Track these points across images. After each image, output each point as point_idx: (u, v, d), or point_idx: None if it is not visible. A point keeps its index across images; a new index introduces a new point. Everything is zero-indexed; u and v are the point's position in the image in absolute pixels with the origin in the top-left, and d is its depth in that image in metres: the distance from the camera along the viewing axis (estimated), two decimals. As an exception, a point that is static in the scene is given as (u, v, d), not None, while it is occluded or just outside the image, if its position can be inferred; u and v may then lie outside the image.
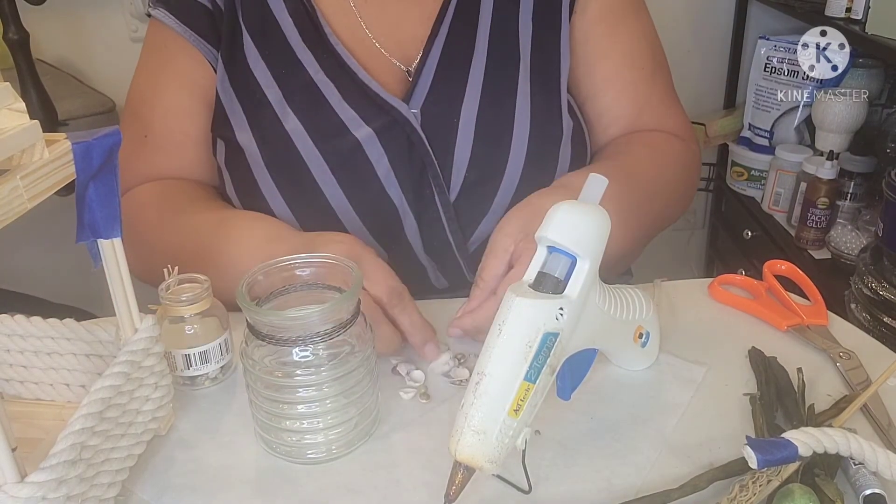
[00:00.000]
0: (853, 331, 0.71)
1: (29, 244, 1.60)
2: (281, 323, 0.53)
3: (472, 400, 0.47)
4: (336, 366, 0.54)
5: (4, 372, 0.60)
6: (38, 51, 1.57)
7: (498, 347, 0.47)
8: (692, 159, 0.89)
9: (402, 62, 0.82)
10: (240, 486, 0.55)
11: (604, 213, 0.51)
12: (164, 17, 0.81)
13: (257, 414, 0.57)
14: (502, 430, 0.47)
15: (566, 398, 0.53)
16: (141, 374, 0.54)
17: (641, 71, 0.86)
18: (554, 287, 0.50)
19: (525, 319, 0.47)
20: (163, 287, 0.63)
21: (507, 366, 0.47)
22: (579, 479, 0.54)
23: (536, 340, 0.47)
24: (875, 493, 0.49)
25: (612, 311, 0.57)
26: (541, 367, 0.47)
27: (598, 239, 0.50)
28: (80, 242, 0.51)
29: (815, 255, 1.57)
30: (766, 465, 0.49)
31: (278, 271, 0.57)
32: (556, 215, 0.50)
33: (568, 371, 0.52)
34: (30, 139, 0.43)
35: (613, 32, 0.85)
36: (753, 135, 1.84)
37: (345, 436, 0.57)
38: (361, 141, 0.77)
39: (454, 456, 0.47)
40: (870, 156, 1.58)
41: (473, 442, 0.47)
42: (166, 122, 0.82)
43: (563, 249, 0.49)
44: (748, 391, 0.62)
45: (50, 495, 0.44)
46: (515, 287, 0.49)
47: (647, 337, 0.63)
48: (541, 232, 0.50)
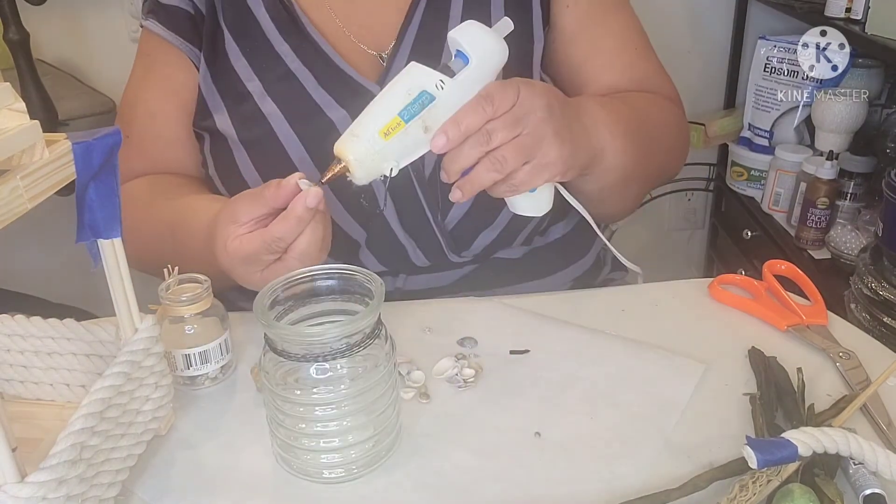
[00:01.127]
0: (853, 331, 0.71)
1: (29, 244, 1.60)
2: (298, 339, 0.52)
3: (360, 115, 0.61)
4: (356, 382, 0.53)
5: (4, 372, 0.60)
6: (39, 51, 1.57)
7: (388, 87, 0.62)
8: (683, 119, 0.95)
9: (375, 49, 0.84)
10: (240, 486, 0.55)
11: (502, 42, 0.64)
12: (153, 26, 0.86)
13: (276, 431, 0.55)
14: (371, 141, 0.60)
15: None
16: (141, 374, 0.54)
17: (636, 51, 0.91)
18: (447, 72, 0.62)
19: (412, 75, 0.61)
20: (163, 287, 0.63)
21: (388, 100, 0.61)
22: (580, 478, 0.54)
23: (415, 92, 0.61)
24: (875, 492, 0.49)
25: None
26: (413, 115, 0.61)
27: (491, 55, 0.63)
28: (80, 242, 0.51)
29: (814, 255, 1.57)
30: (765, 464, 0.49)
31: (299, 283, 0.56)
32: (469, 27, 0.63)
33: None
34: (30, 139, 0.43)
35: (605, 20, 0.89)
36: (753, 135, 1.84)
37: (365, 455, 0.55)
38: (335, 122, 0.80)
39: (334, 150, 0.61)
40: (869, 156, 1.58)
41: (347, 139, 0.61)
42: (145, 124, 0.87)
43: (464, 53, 0.63)
44: (748, 391, 0.62)
45: (50, 495, 0.44)
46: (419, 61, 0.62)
47: None
48: (453, 34, 0.63)
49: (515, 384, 0.64)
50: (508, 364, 0.66)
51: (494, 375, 0.65)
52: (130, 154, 0.86)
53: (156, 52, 0.87)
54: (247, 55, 0.83)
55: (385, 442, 0.56)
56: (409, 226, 0.81)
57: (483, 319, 0.73)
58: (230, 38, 0.84)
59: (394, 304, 0.77)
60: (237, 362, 0.68)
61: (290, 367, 0.53)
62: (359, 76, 0.81)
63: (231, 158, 0.83)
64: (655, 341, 0.69)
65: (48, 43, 1.65)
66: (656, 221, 2.07)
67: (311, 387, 0.53)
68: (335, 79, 0.81)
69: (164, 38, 0.85)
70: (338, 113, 0.80)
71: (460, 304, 0.77)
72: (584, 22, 0.88)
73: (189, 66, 0.85)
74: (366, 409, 0.54)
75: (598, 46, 0.89)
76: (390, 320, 0.70)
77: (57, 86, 1.45)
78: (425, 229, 0.82)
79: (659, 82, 0.92)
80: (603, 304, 0.76)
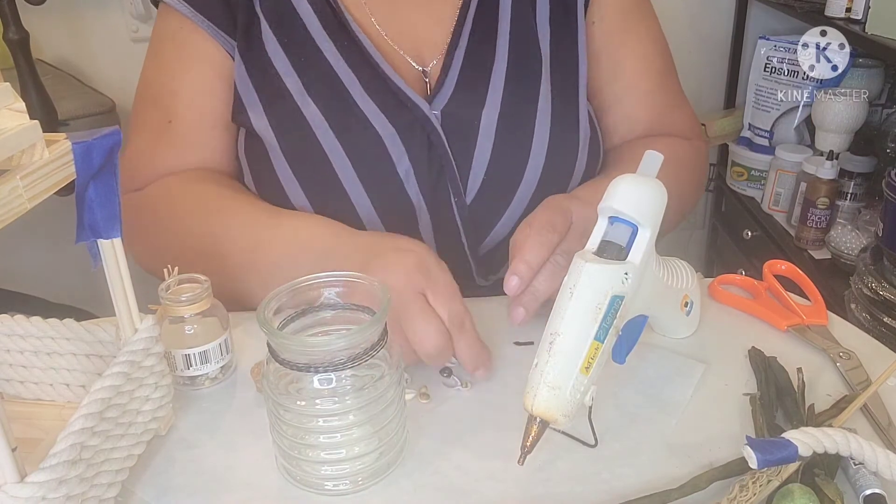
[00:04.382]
0: (853, 331, 0.71)
1: (29, 244, 1.61)
2: (301, 349, 0.51)
3: (546, 358, 0.50)
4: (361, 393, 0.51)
5: (4, 372, 0.60)
6: (39, 51, 1.57)
7: (570, 309, 0.50)
8: (700, 158, 0.91)
9: (417, 62, 0.81)
10: (240, 486, 0.55)
11: (661, 185, 0.53)
12: (176, 4, 0.78)
13: (278, 441, 0.54)
14: (575, 385, 0.50)
15: (622, 361, 0.54)
16: (141, 374, 0.54)
17: (656, 77, 0.88)
18: (617, 254, 0.52)
19: (595, 283, 0.50)
20: (163, 287, 0.63)
21: (578, 326, 0.50)
22: (580, 478, 0.54)
23: (605, 302, 0.50)
24: (875, 493, 0.49)
25: (666, 279, 0.60)
26: (608, 328, 0.51)
27: (657, 208, 0.53)
28: (80, 243, 0.50)
29: (815, 255, 1.57)
30: (765, 465, 0.49)
31: (305, 290, 0.54)
32: (619, 186, 0.53)
33: (623, 336, 0.54)
34: (30, 139, 0.43)
35: (627, 41, 0.86)
36: (753, 135, 1.84)
37: (369, 467, 0.54)
38: (383, 137, 0.76)
39: (530, 410, 0.50)
40: (870, 156, 1.59)
41: (549, 397, 0.49)
42: (193, 104, 0.79)
43: (625, 219, 0.52)
44: (748, 391, 0.62)
45: (50, 495, 0.44)
46: (582, 254, 0.52)
47: (692, 306, 0.67)
48: (605, 202, 0.53)
49: (516, 384, 0.64)
50: (510, 363, 0.66)
51: (495, 375, 0.65)
52: (166, 142, 0.80)
53: (181, 30, 0.79)
54: (284, 47, 0.77)
55: (390, 454, 0.55)
56: (442, 248, 0.79)
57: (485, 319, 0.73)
58: (267, 27, 0.77)
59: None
60: (237, 362, 0.68)
61: (293, 376, 0.52)
62: (408, 89, 0.77)
63: (270, 167, 0.78)
64: (655, 341, 0.69)
65: (48, 43, 1.66)
66: (656, 221, 2.07)
67: (315, 397, 0.51)
68: (382, 88, 0.77)
69: (191, 20, 0.78)
70: (386, 129, 0.75)
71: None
72: (609, 40, 0.85)
73: (221, 50, 0.79)
74: (371, 421, 0.52)
75: (619, 68, 0.86)
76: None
77: (57, 86, 1.46)
78: (458, 254, 0.81)
79: (677, 114, 0.90)
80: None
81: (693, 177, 0.89)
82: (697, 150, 0.90)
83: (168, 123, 0.80)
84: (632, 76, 0.87)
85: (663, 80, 0.89)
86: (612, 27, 0.85)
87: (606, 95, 0.87)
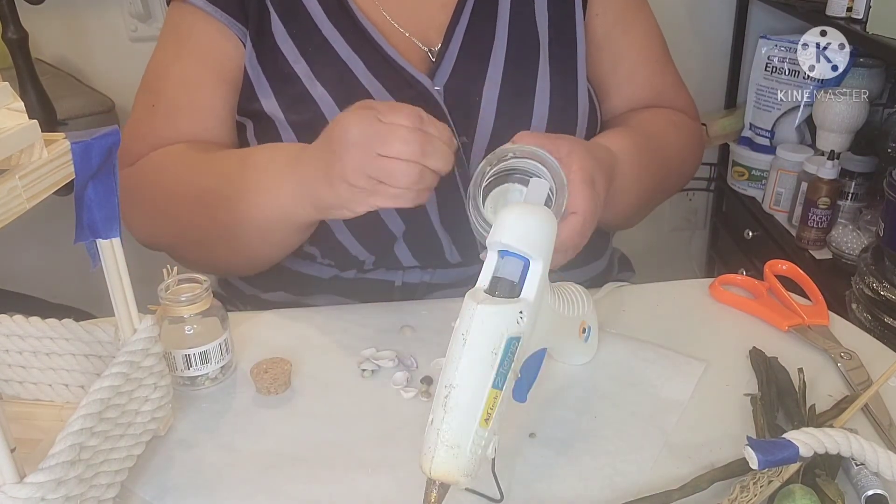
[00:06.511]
0: (854, 331, 0.71)
1: (28, 244, 1.60)
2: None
3: (442, 414, 0.46)
4: None
5: (3, 372, 0.60)
6: (38, 50, 1.57)
7: (465, 358, 0.46)
8: (698, 132, 0.95)
9: (423, 43, 0.84)
10: (240, 486, 0.55)
11: (550, 214, 0.52)
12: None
13: None
14: (475, 441, 0.46)
15: (523, 400, 0.51)
16: (140, 375, 0.54)
17: (655, 65, 0.92)
18: (510, 290, 0.49)
19: (489, 326, 0.47)
20: (162, 287, 0.63)
21: (475, 375, 0.46)
22: (581, 478, 0.54)
23: (501, 346, 0.47)
24: (877, 493, 0.49)
25: (561, 309, 0.58)
26: (506, 373, 0.47)
27: (548, 240, 0.50)
28: (79, 242, 0.50)
29: (816, 255, 1.57)
30: (767, 465, 0.48)
31: None
32: (506, 220, 0.50)
33: (523, 375, 0.51)
34: (28, 139, 0.43)
35: (629, 30, 0.90)
36: (754, 134, 1.83)
37: None
38: None
39: (428, 474, 0.46)
40: (871, 156, 1.58)
41: (447, 458, 0.45)
42: (176, 91, 0.83)
43: (516, 252, 0.49)
44: (749, 391, 0.62)
45: (49, 496, 0.43)
46: (473, 294, 0.49)
47: (589, 331, 0.65)
48: (492, 237, 0.50)
49: (516, 384, 0.64)
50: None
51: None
52: (157, 124, 0.83)
53: (191, 24, 0.83)
54: (293, 36, 0.81)
55: None
56: (447, 220, 0.81)
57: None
58: (277, 19, 0.82)
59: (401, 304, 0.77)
60: (237, 362, 0.68)
61: None
62: (411, 68, 0.80)
63: (278, 140, 0.81)
64: (656, 341, 0.69)
65: (47, 42, 1.65)
66: (657, 221, 2.07)
67: None
68: (386, 68, 0.81)
69: (205, 12, 0.81)
70: None
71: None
72: (610, 32, 0.89)
73: (233, 38, 0.82)
74: None
75: (621, 58, 0.90)
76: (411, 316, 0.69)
77: (56, 85, 1.45)
78: (463, 224, 0.82)
79: (675, 95, 0.94)
80: (604, 304, 0.75)
81: (691, 143, 0.92)
82: (697, 126, 0.95)
83: (151, 107, 0.84)
84: (634, 63, 0.91)
85: (663, 68, 0.93)
86: (611, 19, 0.88)
87: (609, 82, 0.91)
